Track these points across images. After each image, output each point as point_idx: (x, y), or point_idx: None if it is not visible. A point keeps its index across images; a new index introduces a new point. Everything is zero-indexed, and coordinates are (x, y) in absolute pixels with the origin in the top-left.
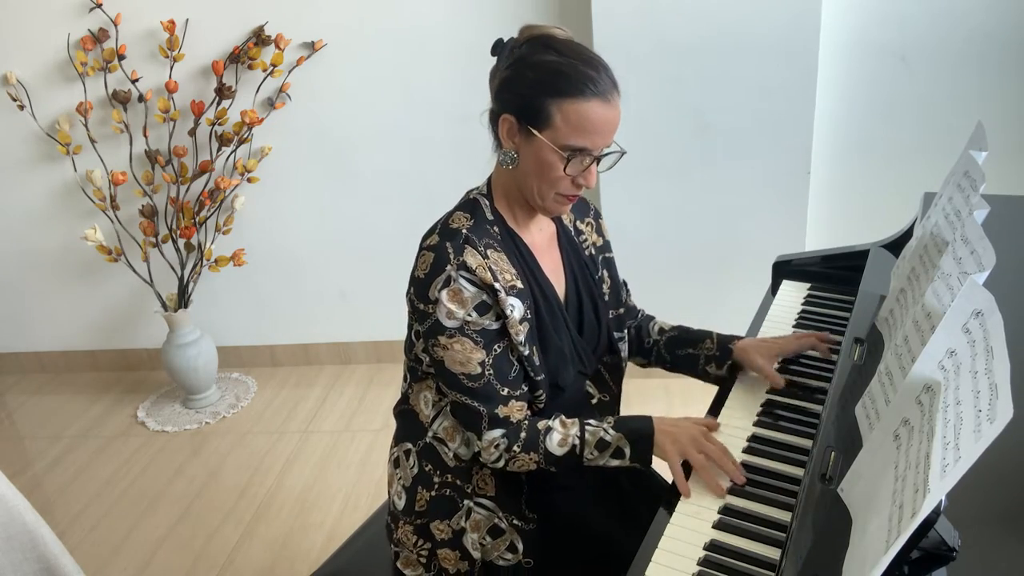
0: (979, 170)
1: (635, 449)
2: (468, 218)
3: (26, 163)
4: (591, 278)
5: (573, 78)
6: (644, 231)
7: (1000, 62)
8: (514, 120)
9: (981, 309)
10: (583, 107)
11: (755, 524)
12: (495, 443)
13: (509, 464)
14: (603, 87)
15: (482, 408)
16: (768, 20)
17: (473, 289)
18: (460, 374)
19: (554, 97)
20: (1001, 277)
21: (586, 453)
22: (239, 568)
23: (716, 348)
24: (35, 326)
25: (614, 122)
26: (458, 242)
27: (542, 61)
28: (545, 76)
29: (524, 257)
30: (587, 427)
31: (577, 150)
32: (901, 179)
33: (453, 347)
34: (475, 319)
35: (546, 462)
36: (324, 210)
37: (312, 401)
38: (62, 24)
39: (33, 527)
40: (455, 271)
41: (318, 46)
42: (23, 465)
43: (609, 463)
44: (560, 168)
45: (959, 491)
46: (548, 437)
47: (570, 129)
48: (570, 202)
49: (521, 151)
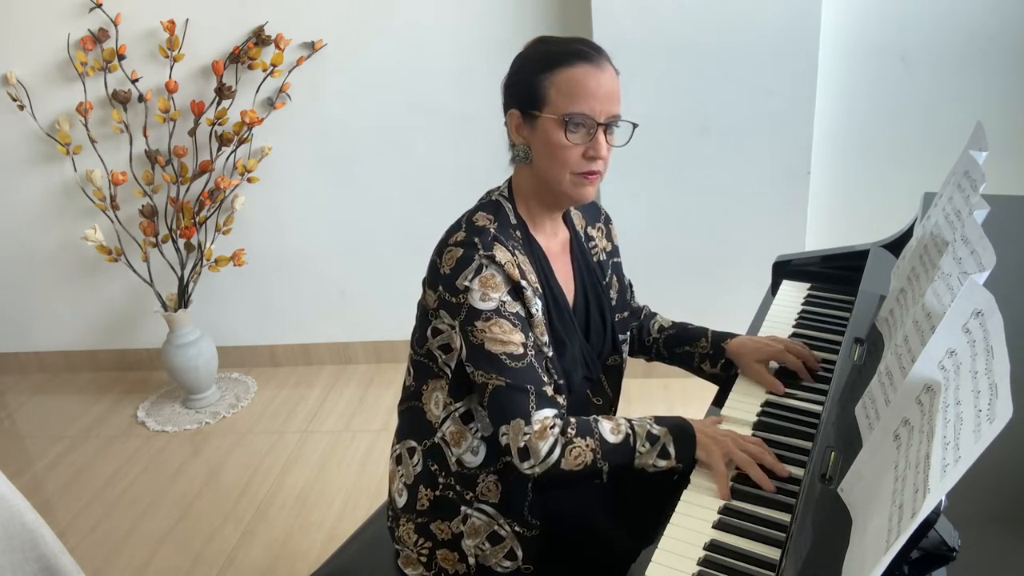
0: (979, 170)
1: (679, 447)
2: (492, 219)
3: (26, 163)
4: (599, 284)
5: (560, 53)
6: (644, 231)
7: (1000, 63)
8: (517, 112)
9: (981, 309)
10: (573, 73)
11: (755, 524)
12: (548, 424)
13: (564, 453)
14: (592, 55)
15: (529, 385)
16: (768, 20)
17: (503, 276)
18: (502, 354)
19: (544, 73)
20: (1001, 277)
21: (638, 445)
22: (239, 568)
23: (710, 346)
24: (35, 326)
25: (610, 87)
26: (487, 238)
27: (533, 51)
28: (536, 58)
29: (540, 262)
30: (633, 421)
31: (576, 115)
32: (901, 179)
33: (492, 329)
34: (510, 301)
35: (602, 452)
36: (324, 210)
37: (312, 401)
38: (62, 24)
39: (33, 527)
40: (486, 260)
41: (318, 46)
42: (23, 465)
43: (657, 463)
44: (565, 140)
45: (959, 491)
46: (599, 425)
47: (564, 97)
48: (589, 182)
49: (531, 142)
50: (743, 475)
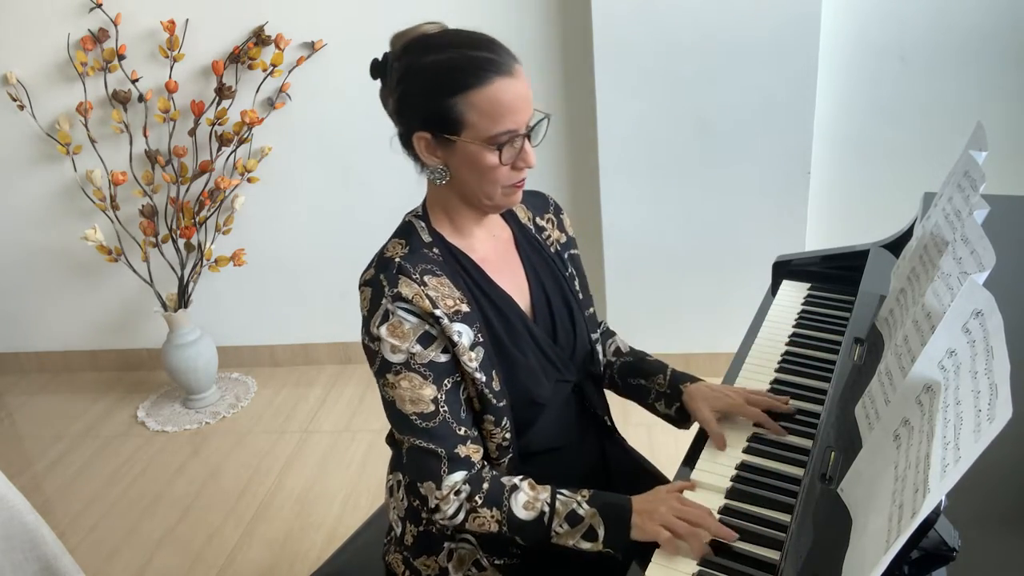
0: (979, 170)
1: (610, 530)
2: (403, 244)
3: (26, 163)
4: (561, 277)
5: (467, 68)
6: (644, 231)
7: (999, 62)
8: (428, 135)
9: (981, 309)
10: (490, 92)
11: (755, 524)
12: (456, 489)
13: (468, 519)
14: (501, 63)
15: (440, 449)
16: (768, 20)
17: (414, 320)
18: (412, 414)
19: (457, 95)
20: (1001, 277)
21: (555, 525)
22: (239, 568)
23: (667, 386)
24: (35, 326)
25: (526, 93)
26: (391, 272)
27: (428, 64)
28: (438, 77)
29: (471, 275)
30: (559, 496)
31: (503, 135)
32: (901, 179)
33: (401, 384)
34: (420, 351)
35: (509, 525)
36: (324, 210)
37: (312, 401)
38: (62, 24)
39: (33, 527)
40: (391, 303)
41: (318, 46)
42: (23, 465)
43: (579, 545)
44: (495, 161)
45: (959, 491)
46: (514, 497)
47: (487, 119)
48: (519, 189)
49: (449, 162)
50: (749, 476)
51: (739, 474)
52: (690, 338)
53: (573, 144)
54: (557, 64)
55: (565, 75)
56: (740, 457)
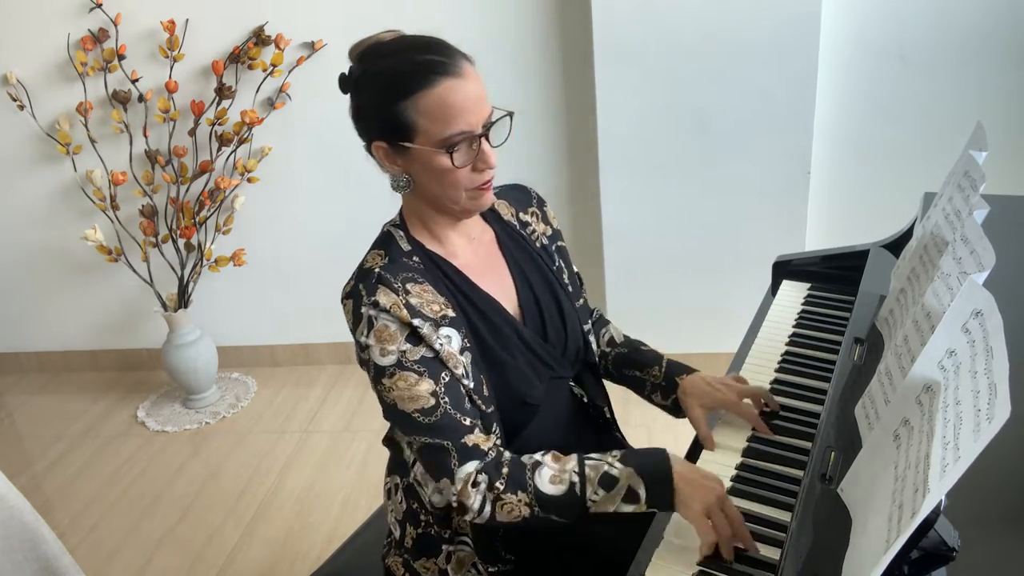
0: (979, 170)
1: (652, 491)
2: (383, 255)
3: (26, 163)
4: (548, 272)
5: (412, 71)
6: (644, 231)
7: (999, 62)
8: (384, 144)
9: (981, 309)
10: (436, 94)
11: (755, 524)
12: (471, 480)
13: (497, 509)
14: (448, 64)
15: (447, 442)
16: (768, 20)
17: (397, 323)
18: (414, 412)
19: (404, 99)
20: (1001, 277)
21: (589, 493)
22: (239, 568)
23: (663, 378)
24: (35, 326)
25: (478, 92)
26: (370, 282)
27: (377, 71)
28: (386, 84)
29: (453, 281)
30: (587, 461)
31: (456, 137)
32: (901, 179)
33: (398, 385)
34: (410, 348)
35: (540, 505)
36: (324, 210)
37: (312, 401)
38: (62, 24)
39: (33, 527)
40: (372, 310)
41: (318, 46)
42: (23, 465)
43: (621, 508)
44: (450, 165)
45: (959, 491)
46: (537, 473)
47: (437, 122)
48: (486, 191)
49: (409, 170)
50: (749, 476)
51: (739, 474)
52: (690, 338)
53: (573, 144)
54: (557, 64)
55: (565, 75)
56: (740, 457)
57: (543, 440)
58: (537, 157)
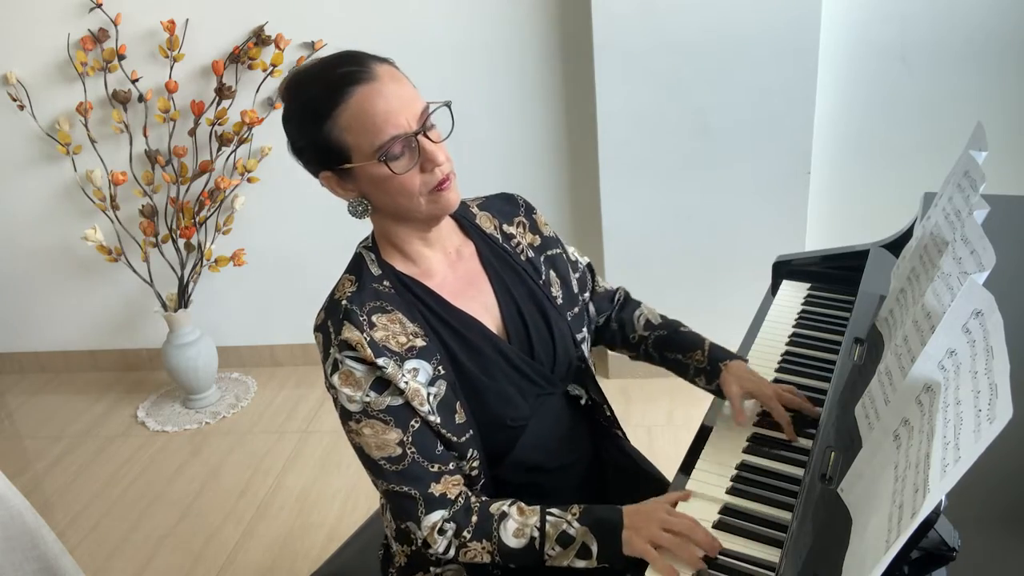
0: (979, 170)
1: (603, 546)
2: (352, 282)
3: (26, 163)
4: (534, 286)
5: (325, 91)
6: (644, 231)
7: (1000, 62)
8: (328, 173)
9: (981, 309)
10: (353, 106)
11: (755, 524)
12: (438, 528)
13: (460, 554)
14: (355, 73)
15: (414, 491)
16: (768, 20)
17: (363, 368)
18: (381, 459)
19: (326, 122)
20: (1001, 277)
21: (547, 548)
22: (239, 568)
23: (707, 362)
24: (35, 326)
25: (399, 92)
26: (337, 317)
27: (297, 104)
28: (307, 112)
29: (426, 304)
30: (549, 517)
31: (388, 144)
32: (901, 179)
33: (364, 432)
34: (375, 399)
35: (501, 554)
36: (324, 210)
37: (312, 401)
38: (62, 24)
39: (33, 527)
40: (339, 353)
41: (318, 46)
42: (23, 465)
43: (574, 564)
44: (392, 173)
45: (959, 491)
46: (503, 525)
47: (363, 135)
48: (445, 191)
49: (361, 191)
50: (749, 476)
51: (739, 474)
52: None
53: (573, 144)
54: (557, 64)
55: (565, 75)
56: (740, 457)
57: (535, 454)
58: (537, 157)
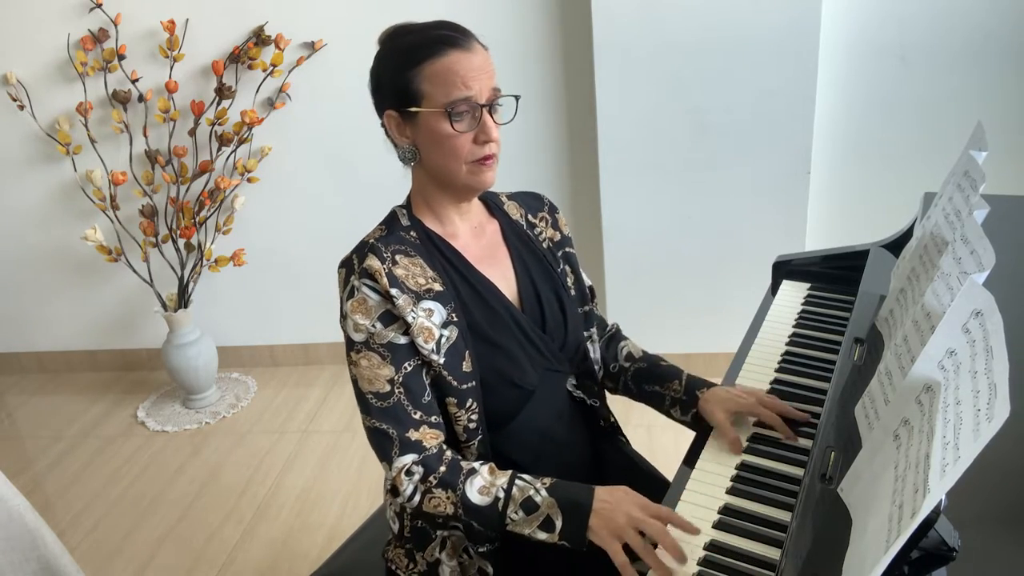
0: (979, 170)
1: (567, 522)
2: (383, 230)
3: (26, 163)
4: (551, 270)
5: (424, 44)
6: (644, 231)
7: (1000, 62)
8: (394, 113)
9: (981, 309)
10: (443, 62)
11: (755, 524)
12: (406, 469)
13: (424, 501)
14: (457, 39)
15: (392, 431)
16: (768, 20)
17: (376, 297)
18: (368, 393)
19: (414, 68)
20: (1001, 277)
21: (510, 511)
22: (239, 568)
23: (683, 392)
24: (35, 326)
25: (483, 66)
26: (363, 251)
27: (394, 46)
28: (400, 56)
29: (449, 259)
30: (517, 481)
31: (458, 103)
32: (901, 179)
33: (361, 363)
34: (379, 331)
35: (464, 509)
36: (324, 210)
37: (312, 401)
38: (62, 24)
39: (33, 527)
40: (358, 279)
41: (318, 46)
42: (23, 465)
43: (536, 534)
44: (452, 130)
45: (959, 491)
46: (470, 480)
47: (441, 88)
48: (487, 167)
49: (416, 140)
50: (749, 476)
51: (739, 474)
52: (690, 338)
53: (573, 144)
54: (557, 64)
55: (565, 75)
56: (740, 457)
57: (538, 430)
58: (537, 157)
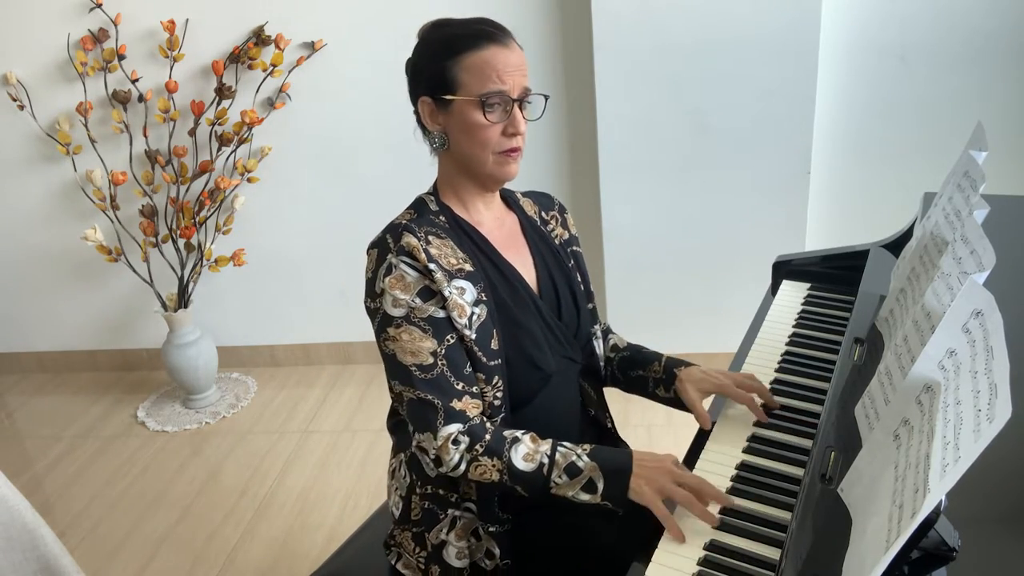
0: (979, 170)
1: (609, 484)
2: (412, 213)
3: (26, 163)
4: (564, 264)
5: (464, 36)
6: (644, 231)
7: (1000, 62)
8: (429, 99)
9: (981, 309)
10: (481, 55)
11: (755, 524)
12: (452, 438)
13: (471, 468)
14: (496, 34)
15: (437, 401)
16: (768, 20)
17: (415, 274)
18: (412, 365)
19: (453, 58)
20: (1001, 277)
21: (554, 475)
22: (239, 568)
23: (662, 371)
24: (35, 326)
25: (518, 63)
26: (398, 231)
27: (434, 38)
28: (441, 45)
29: (476, 243)
30: (560, 448)
31: (492, 95)
32: (901, 179)
33: (402, 337)
34: (420, 305)
35: (509, 475)
36: (324, 210)
37: (312, 401)
38: (62, 24)
39: (33, 527)
40: (395, 257)
41: (318, 46)
42: (23, 465)
43: (578, 496)
44: (484, 120)
45: (959, 491)
46: (514, 448)
47: (477, 79)
48: (512, 159)
49: (447, 127)
50: (749, 476)
51: (739, 474)
52: (690, 338)
53: (573, 144)
54: (557, 64)
55: (565, 75)
56: (740, 457)
57: (551, 416)
58: (537, 157)
